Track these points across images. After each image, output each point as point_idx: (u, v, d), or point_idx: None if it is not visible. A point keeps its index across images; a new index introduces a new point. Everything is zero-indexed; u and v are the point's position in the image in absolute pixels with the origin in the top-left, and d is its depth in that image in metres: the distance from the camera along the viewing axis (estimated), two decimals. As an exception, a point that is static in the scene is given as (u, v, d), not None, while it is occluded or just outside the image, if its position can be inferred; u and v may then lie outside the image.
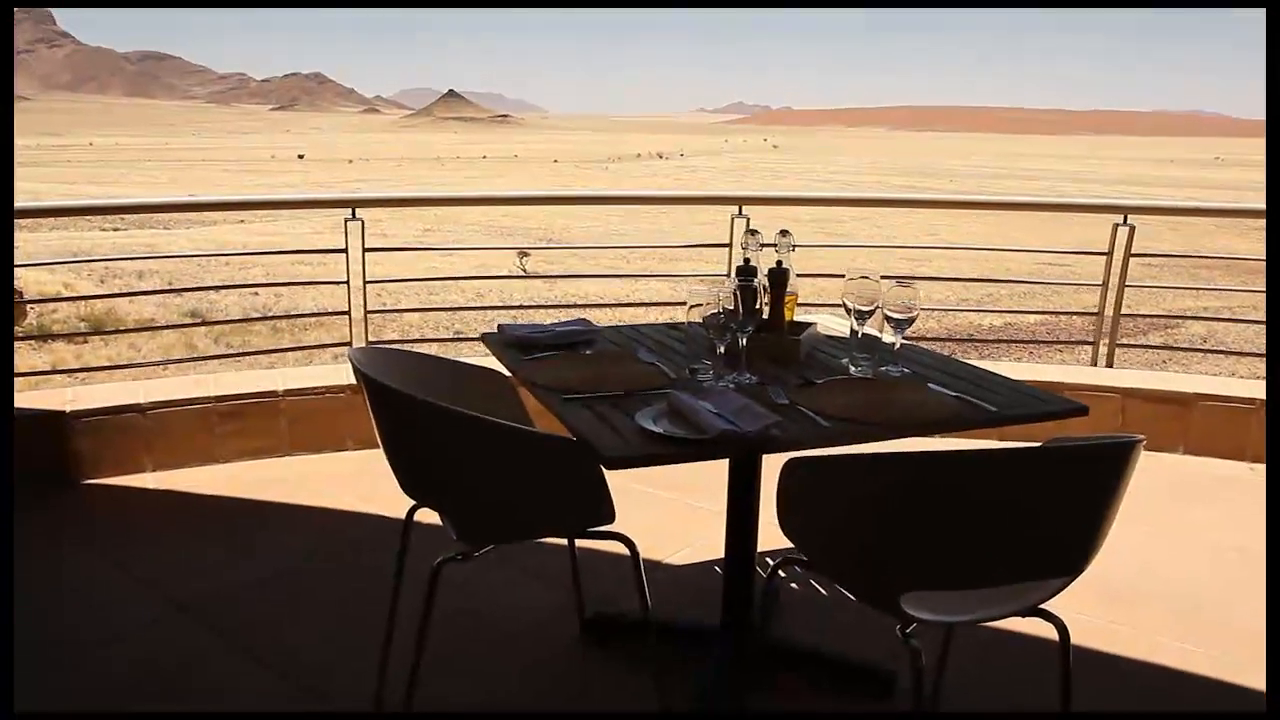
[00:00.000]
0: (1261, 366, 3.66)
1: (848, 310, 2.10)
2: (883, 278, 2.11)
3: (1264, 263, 3.37)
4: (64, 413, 3.48)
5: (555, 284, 22.33)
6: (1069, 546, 1.57)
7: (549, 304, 16.59)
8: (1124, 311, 4.19)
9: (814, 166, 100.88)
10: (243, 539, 3.03)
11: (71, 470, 3.46)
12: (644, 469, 1.60)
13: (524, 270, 23.20)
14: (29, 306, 15.69)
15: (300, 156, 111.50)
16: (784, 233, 2.23)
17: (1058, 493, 1.52)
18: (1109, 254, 4.09)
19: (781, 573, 2.69)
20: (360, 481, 3.43)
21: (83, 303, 18.38)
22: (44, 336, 13.06)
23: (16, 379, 3.83)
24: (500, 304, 17.37)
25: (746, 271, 2.14)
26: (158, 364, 4.69)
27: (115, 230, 35.60)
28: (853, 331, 2.11)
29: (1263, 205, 3.61)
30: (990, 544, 1.55)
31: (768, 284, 2.16)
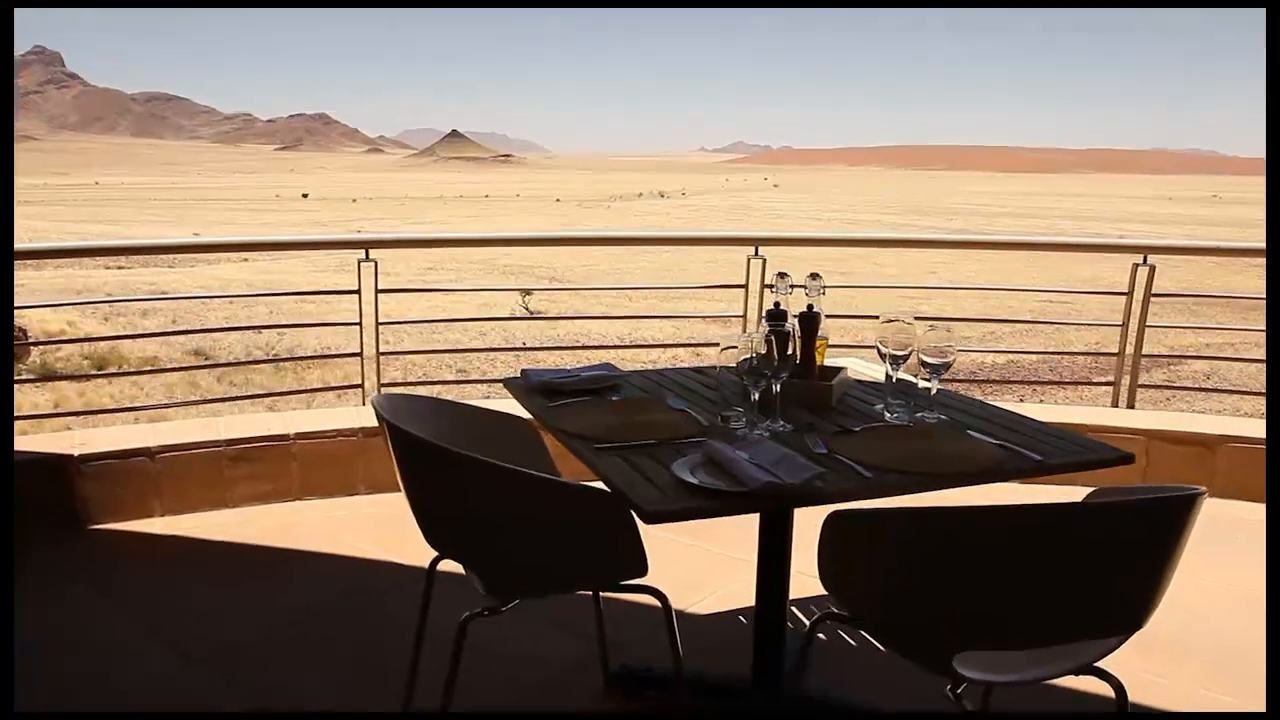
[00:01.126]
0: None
1: (882, 355, 2.05)
2: (915, 318, 2.06)
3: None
4: (71, 456, 3.42)
5: (561, 322, 22.33)
6: (1130, 603, 1.51)
7: (557, 345, 16.53)
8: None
9: (814, 205, 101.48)
10: (255, 586, 2.96)
11: (78, 515, 3.40)
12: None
13: (527, 309, 23.18)
14: (32, 345, 15.67)
15: (305, 195, 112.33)
16: (814, 276, 2.19)
17: (1119, 548, 1.46)
18: (1129, 293, 4.05)
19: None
20: (374, 527, 3.36)
21: (86, 341, 18.37)
22: (46, 378, 13.03)
23: (21, 420, 3.79)
24: (509, 345, 17.29)
25: (777, 315, 2.10)
26: (168, 406, 4.62)
27: (120, 269, 35.72)
28: (888, 377, 2.06)
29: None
30: (1048, 601, 1.49)
31: (799, 328, 2.12)
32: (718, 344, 1.95)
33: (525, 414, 2.20)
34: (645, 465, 1.68)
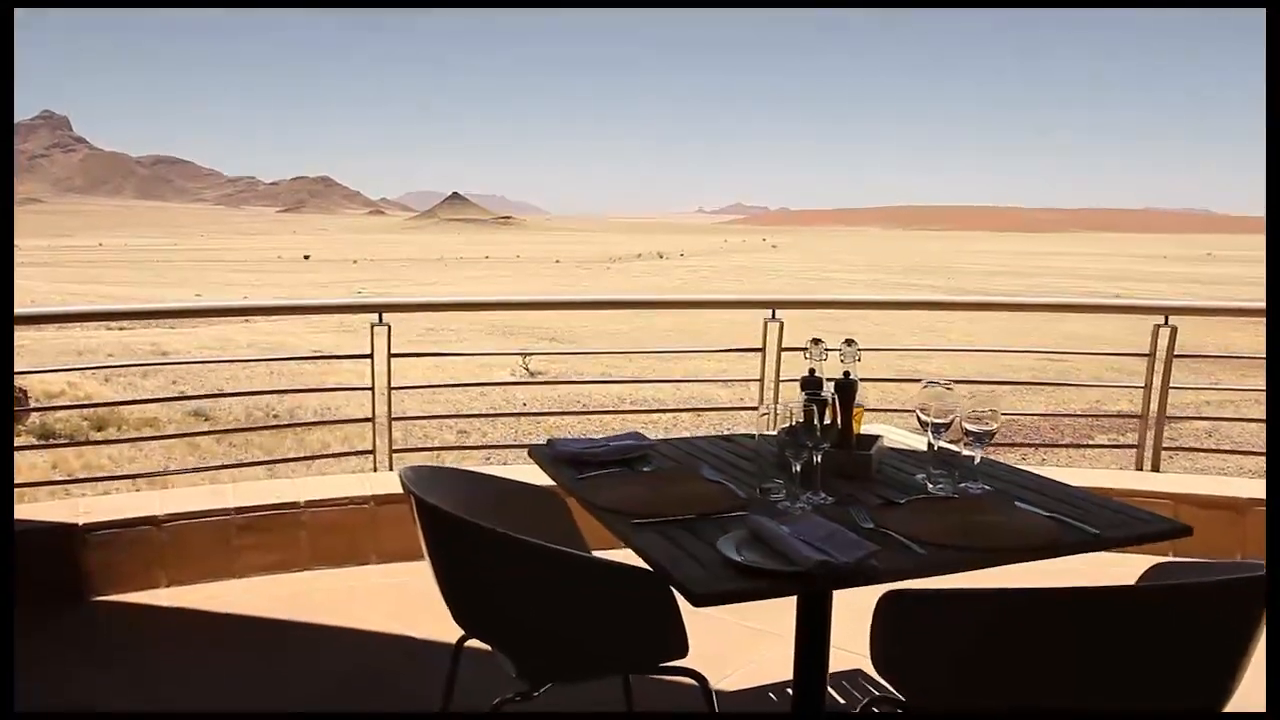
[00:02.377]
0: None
1: (922, 423, 1.99)
2: (949, 382, 2.01)
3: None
4: (75, 525, 3.33)
5: (563, 383, 22.21)
6: (1208, 687, 1.42)
7: (571, 410, 16.36)
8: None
9: (814, 265, 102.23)
10: (265, 662, 2.85)
11: (81, 586, 3.30)
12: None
13: (528, 371, 23.08)
14: (31, 407, 15.55)
15: (306, 257, 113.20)
16: (849, 341, 2.14)
17: (1196, 631, 1.38)
18: (1150, 355, 4.01)
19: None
20: (386, 599, 3.26)
21: (86, 400, 18.23)
22: (45, 445, 12.92)
23: (21, 487, 3.70)
24: (529, 410, 17.13)
25: (814, 383, 2.05)
26: (176, 473, 4.54)
27: (121, 329, 35.72)
28: (930, 446, 1.99)
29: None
30: (1119, 686, 1.41)
31: (838, 396, 2.06)
32: (729, 407, 1.89)
33: (548, 480, 2.14)
34: (687, 541, 1.61)
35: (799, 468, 1.81)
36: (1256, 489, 3.86)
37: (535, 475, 2.31)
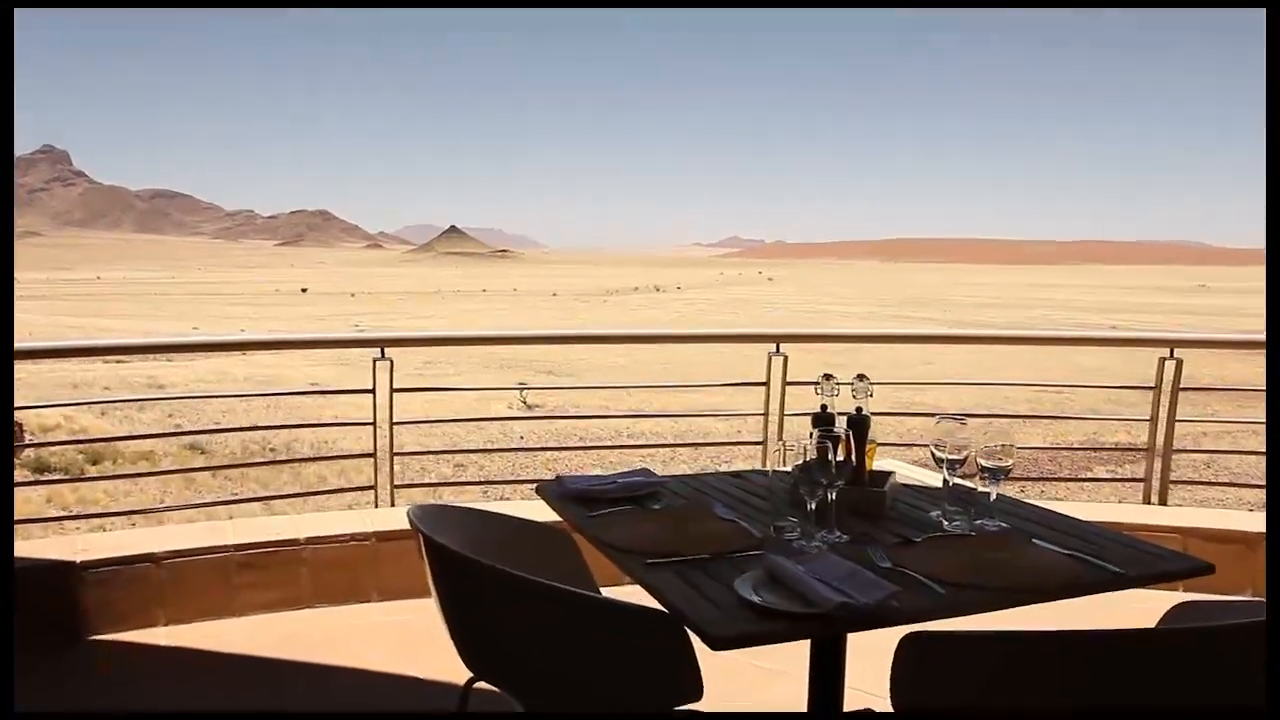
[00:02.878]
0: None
1: (937, 459, 1.97)
2: (964, 416, 1.99)
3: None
4: (73, 563, 3.29)
5: (557, 416, 22.10)
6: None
7: (569, 445, 16.26)
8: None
9: (810, 298, 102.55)
10: (266, 702, 2.80)
11: (79, 625, 3.24)
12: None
13: (525, 404, 22.99)
14: (27, 440, 15.44)
15: (304, 290, 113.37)
16: (861, 376, 2.13)
17: (1222, 674, 1.36)
18: (1156, 388, 3.99)
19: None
20: (388, 637, 3.21)
21: (82, 434, 18.11)
22: (43, 482, 12.81)
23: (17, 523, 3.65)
24: (519, 445, 17.04)
25: (826, 419, 2.03)
26: (176, 508, 4.50)
27: (118, 362, 35.61)
28: (945, 482, 1.97)
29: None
30: (1148, 733, 1.37)
31: (851, 432, 2.04)
32: (727, 442, 1.88)
33: (554, 516, 2.12)
34: (702, 582, 1.58)
35: (814, 506, 1.79)
36: (1263, 522, 3.83)
37: (541, 511, 2.29)
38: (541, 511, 2.26)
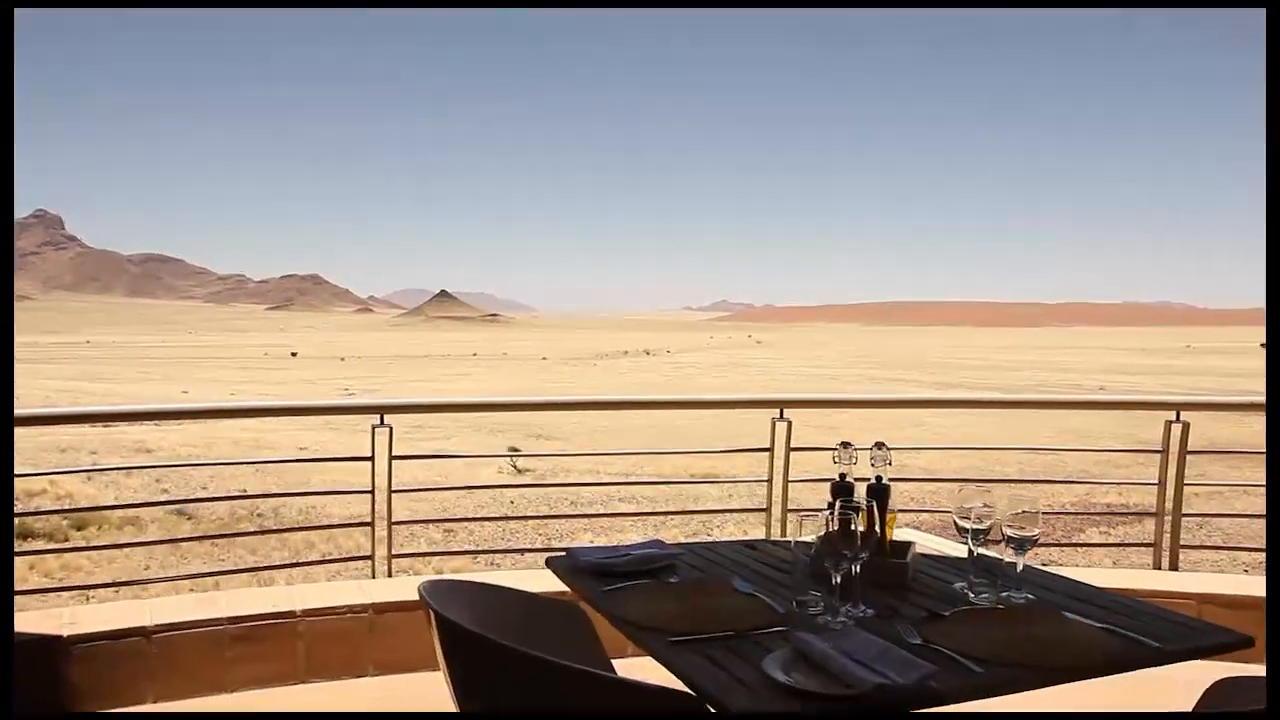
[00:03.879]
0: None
1: (960, 529, 1.92)
2: (987, 485, 1.95)
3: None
4: (60, 637, 3.18)
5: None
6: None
7: (565, 514, 16.05)
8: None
9: (800, 362, 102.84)
10: (256, 788, 2.68)
11: (65, 701, 3.12)
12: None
13: (516, 469, 22.77)
14: (19, 513, 15.13)
15: (294, 354, 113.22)
16: (880, 444, 2.09)
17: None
18: (1164, 451, 3.96)
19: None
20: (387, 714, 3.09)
21: (68, 500, 17.82)
22: (33, 552, 12.55)
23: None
24: (514, 513, 16.83)
25: (847, 489, 1.98)
26: (165, 580, 4.38)
27: (105, 426, 35.29)
28: (971, 553, 1.92)
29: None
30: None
31: (872, 502, 1.99)
32: (732, 510, 1.83)
33: (560, 585, 2.06)
34: (729, 661, 1.52)
35: (839, 579, 1.74)
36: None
37: (548, 581, 2.22)
38: (548, 581, 2.20)
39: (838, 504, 1.77)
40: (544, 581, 2.23)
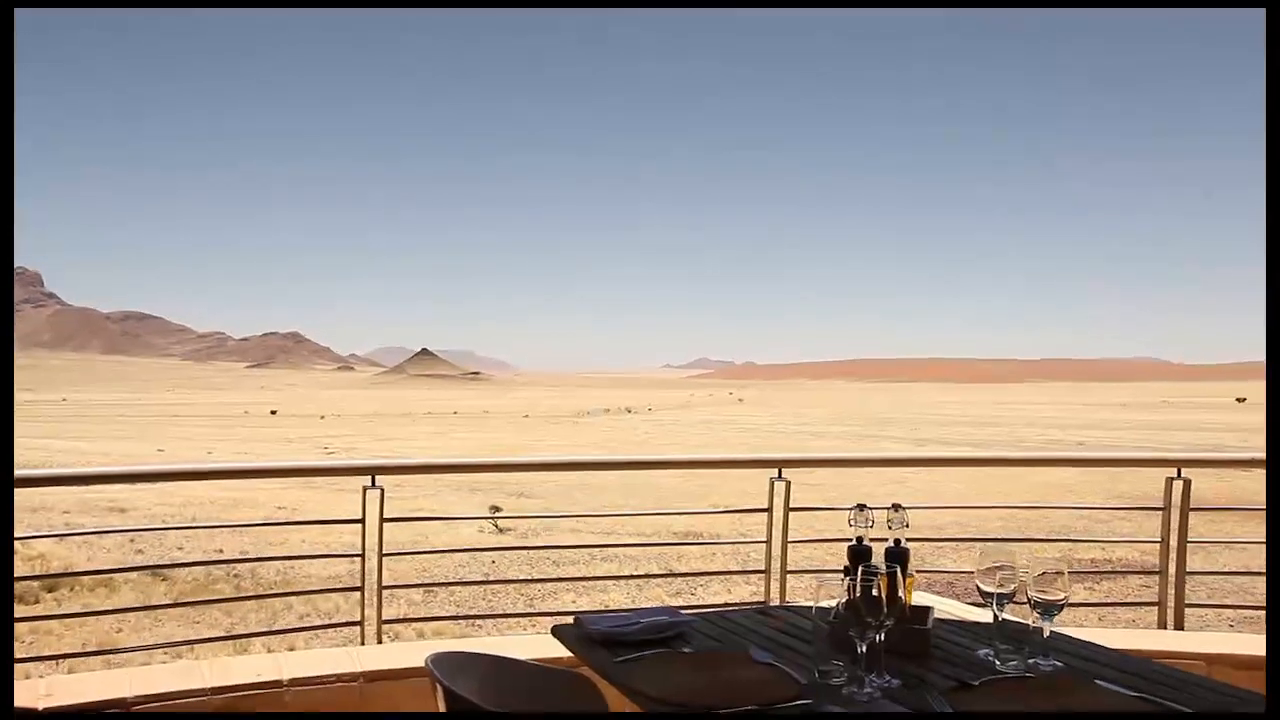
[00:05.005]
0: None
1: (984, 594, 1.87)
2: (1010, 548, 1.90)
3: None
4: (35, 711, 3.04)
5: (531, 538, 21.56)
6: None
7: (557, 577, 15.81)
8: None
9: (781, 419, 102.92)
10: None
11: (37, 780, 2.98)
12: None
13: (497, 528, 22.49)
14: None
15: (273, 412, 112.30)
16: (897, 506, 2.04)
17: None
18: (1165, 508, 3.93)
19: None
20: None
21: (39, 561, 17.37)
22: (22, 617, 12.18)
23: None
24: (511, 578, 16.56)
25: (864, 553, 1.93)
26: (146, 648, 4.23)
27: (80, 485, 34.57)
28: (995, 618, 1.86)
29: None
30: None
31: (893, 567, 1.93)
32: (733, 571, 1.77)
33: (565, 651, 1.99)
34: (756, 737, 1.45)
35: (864, 648, 1.67)
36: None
37: (547, 647, 2.15)
38: (550, 647, 2.12)
39: (860, 570, 1.72)
40: (546, 647, 2.15)
